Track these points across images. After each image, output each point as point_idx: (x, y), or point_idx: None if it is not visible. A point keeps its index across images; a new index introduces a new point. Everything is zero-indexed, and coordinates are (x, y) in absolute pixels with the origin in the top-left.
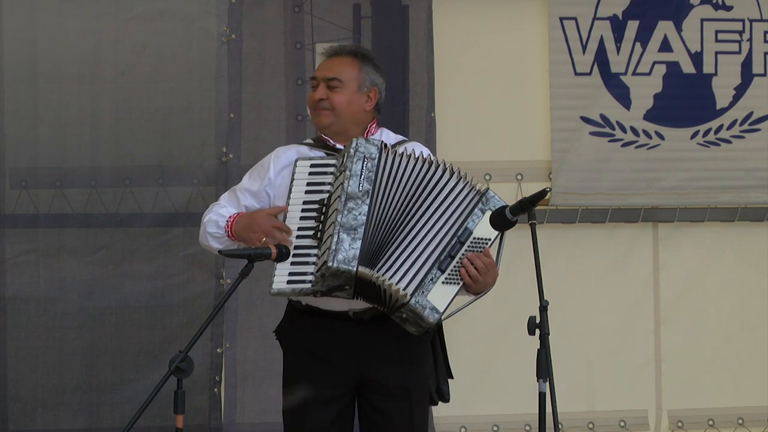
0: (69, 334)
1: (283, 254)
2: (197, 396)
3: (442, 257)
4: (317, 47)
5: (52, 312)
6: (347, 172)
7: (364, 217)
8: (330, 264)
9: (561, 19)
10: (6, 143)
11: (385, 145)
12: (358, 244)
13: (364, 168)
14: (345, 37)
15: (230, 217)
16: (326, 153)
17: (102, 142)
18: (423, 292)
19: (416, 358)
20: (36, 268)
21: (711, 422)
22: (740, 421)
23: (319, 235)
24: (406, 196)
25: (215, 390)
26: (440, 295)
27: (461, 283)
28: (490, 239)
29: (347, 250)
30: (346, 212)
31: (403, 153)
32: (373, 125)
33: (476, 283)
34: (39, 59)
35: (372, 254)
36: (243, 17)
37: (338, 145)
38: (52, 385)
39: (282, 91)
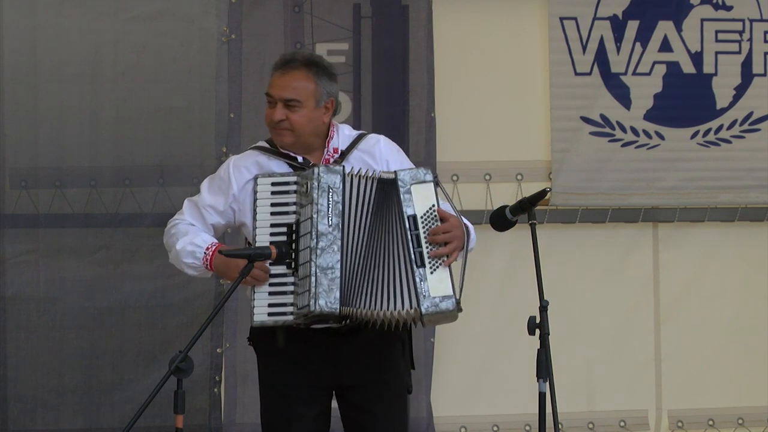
0: (69, 334)
1: (283, 254)
2: (197, 396)
3: (413, 257)
4: (317, 48)
5: (52, 312)
6: (315, 206)
7: (338, 255)
8: (313, 309)
9: (561, 19)
10: (6, 143)
11: (346, 169)
12: (337, 283)
13: (330, 200)
14: (345, 37)
15: (206, 249)
16: (287, 163)
17: (102, 142)
18: (424, 295)
19: (390, 356)
20: (36, 268)
21: (711, 422)
22: (740, 421)
23: (293, 265)
24: (373, 221)
25: (215, 390)
26: (439, 284)
27: (444, 260)
28: (433, 204)
29: (327, 293)
30: (319, 251)
31: (366, 176)
32: (331, 127)
33: (455, 248)
34: (39, 59)
35: (353, 288)
36: (243, 17)
37: (300, 158)
38: (52, 385)
39: None
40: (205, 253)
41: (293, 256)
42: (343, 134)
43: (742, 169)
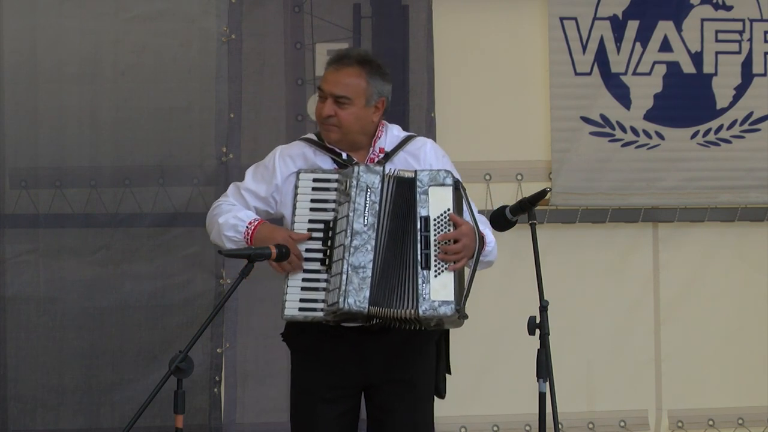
0: (69, 334)
1: (283, 254)
2: (197, 396)
3: (420, 258)
4: (317, 48)
5: (52, 312)
6: (352, 204)
7: (371, 255)
8: (341, 306)
9: (561, 19)
10: (6, 143)
11: (386, 170)
12: (368, 283)
13: (368, 200)
14: (345, 37)
15: (249, 223)
16: (332, 158)
17: (102, 142)
18: (424, 297)
19: (420, 357)
20: (36, 268)
21: (711, 422)
22: (740, 421)
23: (327, 262)
24: (393, 220)
25: (215, 390)
26: (442, 288)
27: (450, 265)
28: (448, 209)
29: (357, 292)
30: (353, 249)
31: (389, 174)
32: (380, 127)
33: (463, 256)
34: (39, 59)
35: (381, 288)
36: (243, 17)
37: (344, 155)
38: (52, 385)
39: (282, 91)
40: (247, 227)
41: (328, 254)
42: (391, 134)
43: (742, 169)
